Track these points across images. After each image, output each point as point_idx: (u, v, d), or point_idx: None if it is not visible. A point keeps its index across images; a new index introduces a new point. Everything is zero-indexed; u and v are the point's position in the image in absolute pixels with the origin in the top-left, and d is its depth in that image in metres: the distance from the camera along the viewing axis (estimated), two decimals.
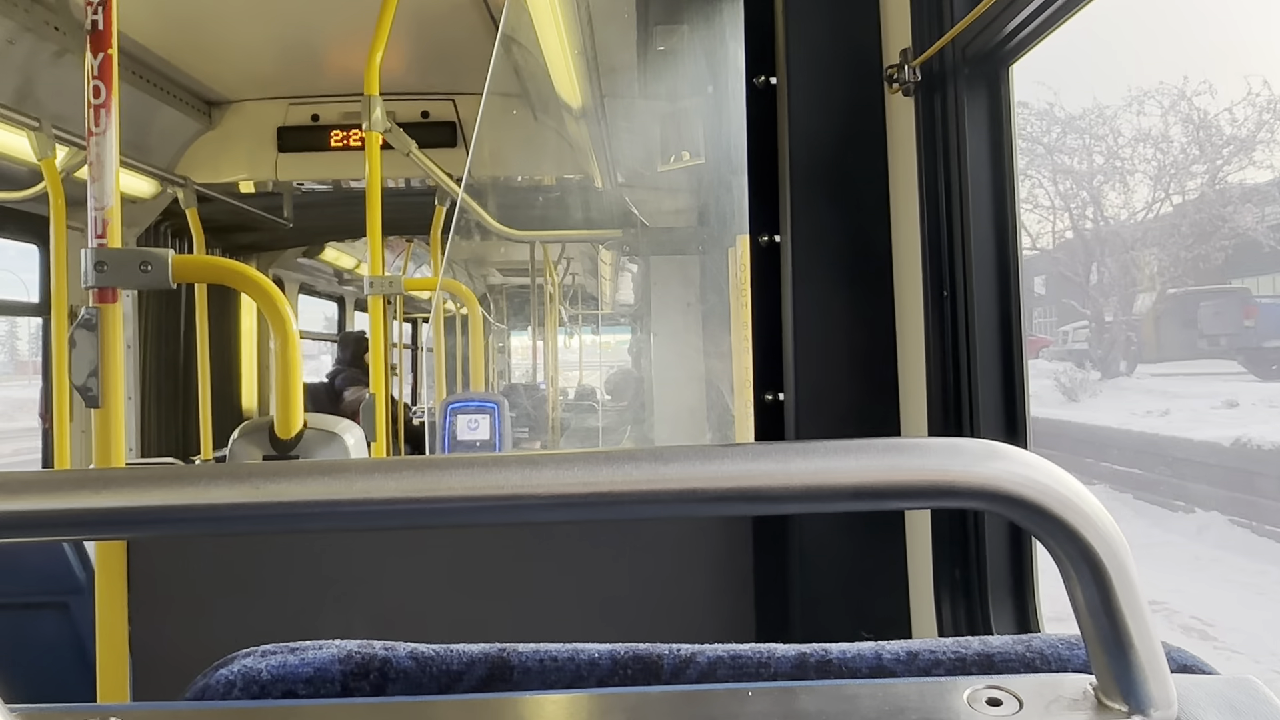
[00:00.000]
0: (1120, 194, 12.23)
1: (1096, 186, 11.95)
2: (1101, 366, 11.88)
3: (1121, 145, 11.65)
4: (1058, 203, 12.32)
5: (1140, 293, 11.75)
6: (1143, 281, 11.57)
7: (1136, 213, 11.77)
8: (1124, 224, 11.83)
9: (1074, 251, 12.55)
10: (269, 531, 0.52)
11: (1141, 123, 11.57)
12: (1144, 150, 11.52)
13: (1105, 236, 11.92)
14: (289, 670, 0.63)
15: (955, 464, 0.51)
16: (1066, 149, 12.11)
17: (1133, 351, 11.86)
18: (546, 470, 0.51)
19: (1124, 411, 10.23)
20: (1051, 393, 11.59)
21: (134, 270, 1.73)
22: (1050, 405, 11.23)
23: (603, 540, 1.75)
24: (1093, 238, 12.03)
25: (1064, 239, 12.73)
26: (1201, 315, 11.09)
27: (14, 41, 3.67)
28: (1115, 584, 0.52)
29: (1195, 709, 0.55)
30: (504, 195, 5.43)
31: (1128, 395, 10.96)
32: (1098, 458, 9.56)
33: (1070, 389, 11.53)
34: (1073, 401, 11.32)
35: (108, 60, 1.72)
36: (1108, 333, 12.03)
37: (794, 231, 1.67)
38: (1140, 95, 11.31)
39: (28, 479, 0.51)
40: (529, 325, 9.42)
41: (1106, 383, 11.60)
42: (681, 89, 3.59)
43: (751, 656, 0.65)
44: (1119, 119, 11.68)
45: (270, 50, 4.57)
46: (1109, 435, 9.81)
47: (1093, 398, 11.30)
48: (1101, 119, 11.79)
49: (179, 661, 1.44)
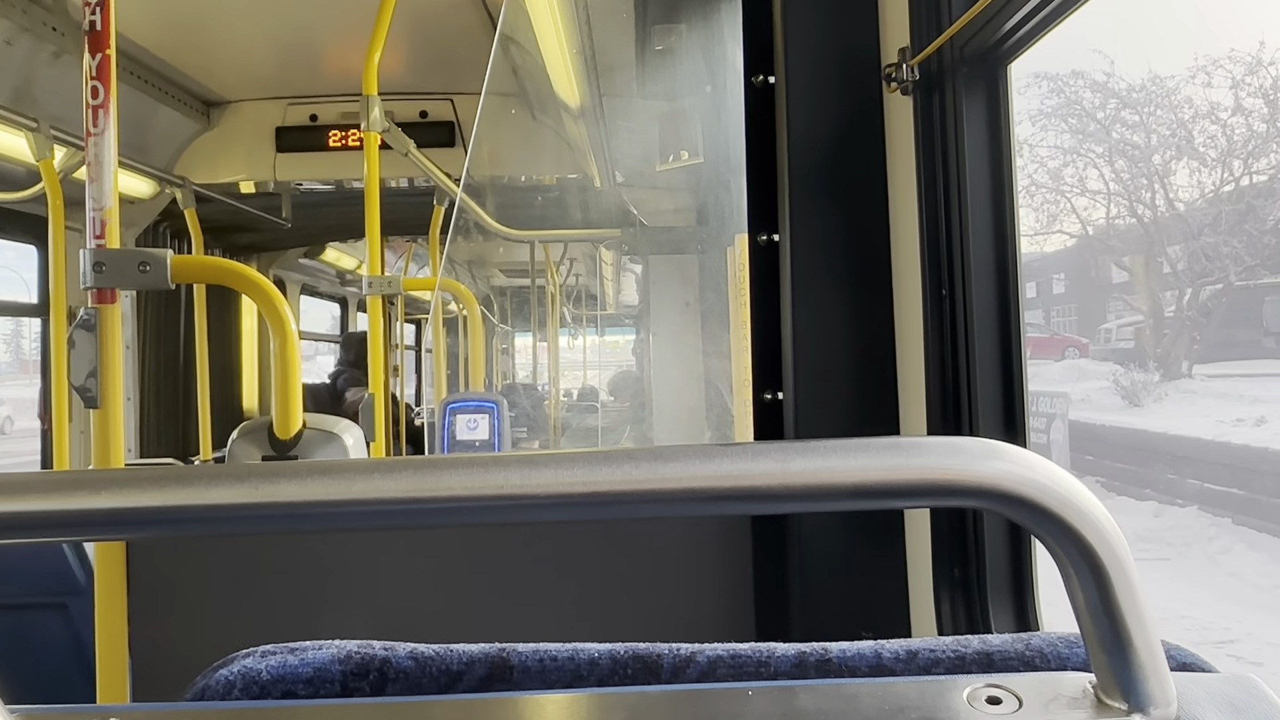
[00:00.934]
0: (1185, 175, 11.00)
1: (1158, 166, 10.77)
2: (1163, 367, 10.73)
3: (1188, 119, 10.40)
4: (1113, 186, 11.09)
5: (1207, 285, 10.56)
6: (1212, 273, 10.33)
7: (1205, 195, 10.55)
8: (1192, 208, 10.61)
9: (1131, 239, 11.38)
10: (269, 532, 0.52)
11: (1210, 95, 10.33)
12: (1209, 126, 10.27)
13: (1165, 223, 10.80)
14: (289, 670, 0.63)
15: (955, 463, 0.51)
16: (1124, 123, 10.84)
17: (1195, 351, 10.73)
18: (546, 470, 0.51)
19: (1204, 418, 9.07)
20: (1108, 395, 10.55)
21: (133, 271, 1.73)
22: (1111, 411, 10.20)
23: (602, 540, 1.75)
24: (1152, 224, 10.90)
25: (1116, 225, 11.51)
26: (1268, 312, 10.00)
27: (11, 42, 3.67)
28: (1114, 583, 0.52)
29: (1195, 707, 0.55)
30: (503, 195, 5.43)
31: (1199, 400, 9.86)
32: (1187, 474, 8.45)
33: (1131, 392, 10.42)
34: (1135, 406, 10.24)
35: (106, 61, 1.72)
36: (1168, 329, 10.91)
37: (793, 230, 1.67)
38: (1208, 64, 9.99)
39: (30, 480, 0.51)
40: (532, 326, 9.41)
41: (1169, 385, 10.45)
42: (680, 88, 3.59)
43: (751, 656, 0.65)
44: (1181, 91, 10.45)
45: (268, 50, 4.57)
46: (1198, 448, 8.56)
47: (1158, 402, 10.16)
48: (1163, 91, 10.57)
49: (178, 662, 1.44)
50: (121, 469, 0.54)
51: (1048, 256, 12.82)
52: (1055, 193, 11.45)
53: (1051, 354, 12.78)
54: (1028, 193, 11.11)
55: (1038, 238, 11.94)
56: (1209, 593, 6.73)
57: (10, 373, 17.37)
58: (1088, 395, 10.45)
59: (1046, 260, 12.98)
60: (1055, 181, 11.33)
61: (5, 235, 4.69)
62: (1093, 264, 12.78)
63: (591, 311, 9.30)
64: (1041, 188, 11.28)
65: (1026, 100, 10.55)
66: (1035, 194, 11.24)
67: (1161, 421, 9.36)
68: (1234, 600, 6.63)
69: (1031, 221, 11.31)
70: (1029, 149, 10.98)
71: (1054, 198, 11.45)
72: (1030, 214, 11.19)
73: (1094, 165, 11.00)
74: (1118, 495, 8.80)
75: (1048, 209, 11.41)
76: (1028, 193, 11.11)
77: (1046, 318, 13.85)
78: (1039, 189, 11.28)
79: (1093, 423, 9.83)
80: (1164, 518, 8.09)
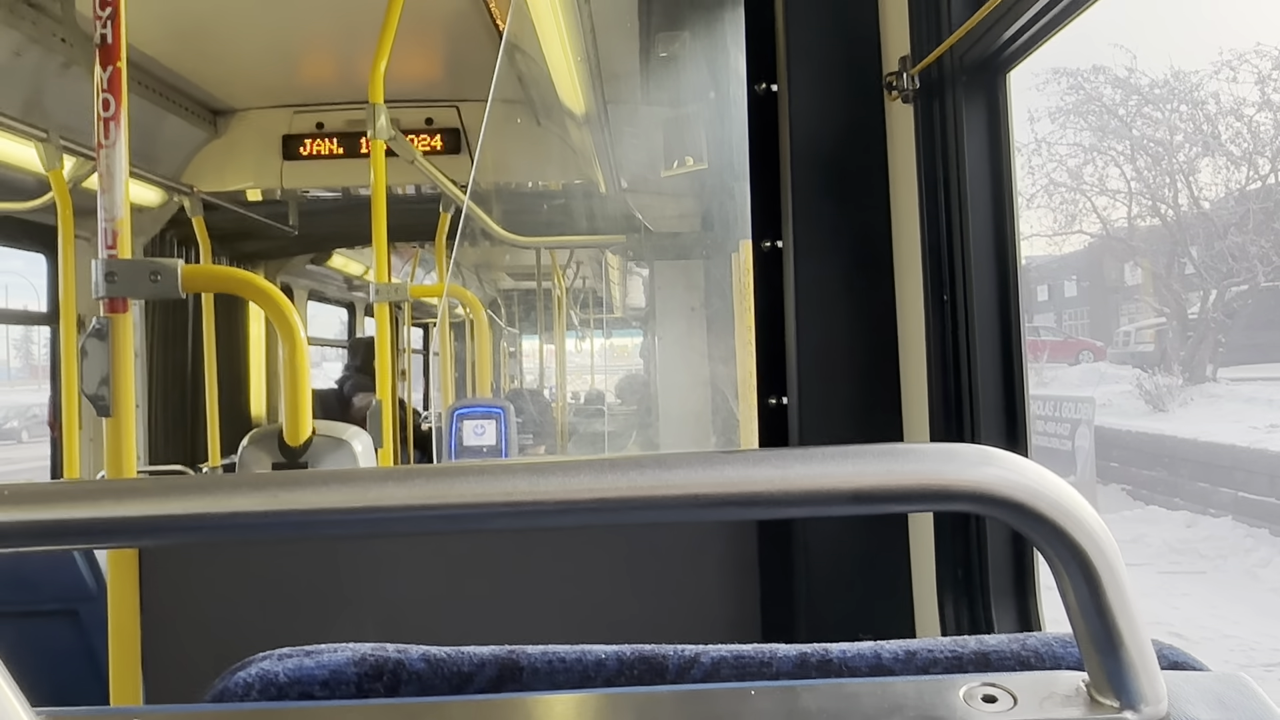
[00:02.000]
0: (1209, 173, 10.71)
1: (1182, 164, 10.32)
2: (1187, 370, 10.33)
3: (1213, 115, 10.00)
4: (1134, 185, 10.69)
5: (1233, 285, 10.15)
6: (1239, 273, 9.93)
7: (1231, 193, 10.11)
8: (1217, 206, 10.20)
9: (1152, 239, 10.97)
10: (288, 539, 0.54)
11: (1235, 90, 10.00)
12: (1234, 122, 9.85)
13: (1189, 222, 10.37)
14: (305, 673, 0.64)
15: (949, 469, 0.53)
16: (1146, 119, 10.46)
17: (1220, 354, 10.32)
18: (554, 477, 0.52)
19: (1234, 423, 8.66)
20: (1131, 400, 10.20)
21: (144, 280, 1.75)
22: (1134, 416, 9.81)
23: (610, 545, 1.77)
24: (1174, 224, 10.47)
25: (1137, 225, 11.13)
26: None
27: (21, 53, 3.70)
28: (1105, 583, 0.54)
29: (1185, 704, 0.57)
30: (509, 201, 5.44)
31: (1225, 404, 9.51)
32: (1220, 483, 8.02)
33: (1155, 397, 10.03)
34: (1160, 411, 9.87)
35: (117, 74, 1.74)
36: (1192, 331, 10.47)
37: (796, 237, 1.69)
38: (1234, 58, 9.65)
39: (54, 489, 0.53)
40: (538, 330, 9.40)
41: (1194, 389, 10.05)
42: (684, 95, 3.61)
43: (754, 656, 0.66)
44: (1205, 86, 10.08)
45: (275, 59, 4.60)
46: (1231, 455, 8.13)
47: (1183, 407, 9.78)
48: (1187, 86, 10.19)
49: (191, 668, 1.45)
50: (144, 479, 0.56)
51: (1061, 259, 12.30)
52: (1074, 191, 10.98)
53: (1065, 357, 12.56)
54: (1045, 192, 10.76)
55: (1055, 238, 11.53)
56: (1250, 609, 6.51)
57: (20, 378, 17.47)
58: (1109, 400, 10.12)
59: (1060, 262, 12.47)
60: (1074, 180, 10.95)
61: (15, 244, 4.72)
62: (1111, 265, 12.39)
63: (598, 315, 9.31)
64: (1060, 186, 10.94)
65: (1045, 97, 10.23)
66: (1054, 193, 10.90)
67: (1188, 427, 9.09)
68: (1278, 617, 6.41)
69: (1049, 222, 10.96)
70: (1047, 147, 10.67)
71: (1073, 197, 11.00)
72: (1048, 214, 10.83)
73: (1115, 163, 10.65)
74: (1146, 505, 8.53)
75: (1066, 209, 11.07)
76: (1045, 192, 10.76)
77: (1059, 321, 13.60)
78: (1057, 188, 10.94)
79: (1117, 428, 9.56)
80: (1197, 528, 7.84)
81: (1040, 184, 10.72)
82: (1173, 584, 6.82)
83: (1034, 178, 10.64)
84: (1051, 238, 11.38)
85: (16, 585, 2.52)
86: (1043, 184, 10.75)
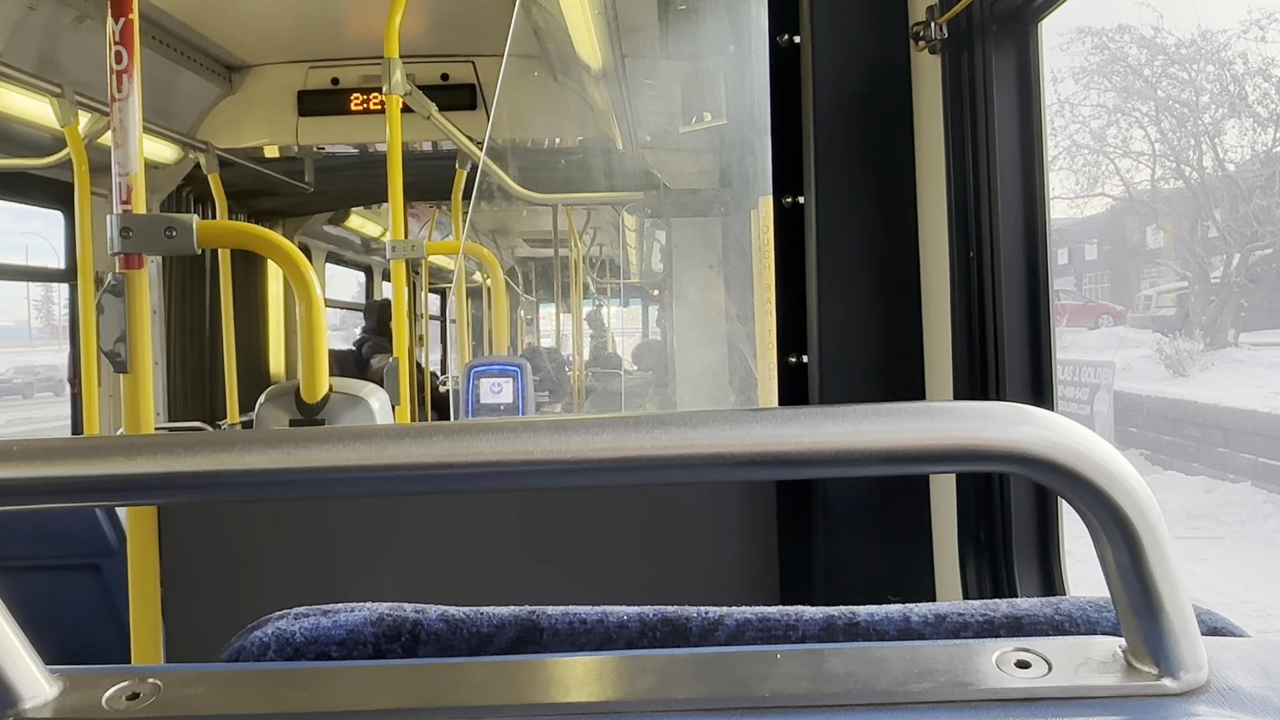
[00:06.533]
0: (1235, 135, 10.30)
1: (1207, 125, 10.10)
2: (1208, 335, 10.13)
3: (1240, 75, 9.74)
4: (1159, 148, 10.43)
5: (1257, 249, 9.96)
6: (1263, 236, 9.75)
7: (1258, 156, 9.87)
8: (1242, 168, 9.97)
9: (1176, 202, 10.75)
10: (303, 496, 0.53)
11: (1264, 50, 9.62)
12: (1261, 83, 9.59)
13: (1213, 185, 10.14)
14: (322, 632, 0.64)
15: (985, 428, 0.51)
16: (1172, 79, 10.20)
17: (1242, 319, 10.10)
18: (576, 435, 0.51)
19: (1256, 389, 8.48)
20: (1151, 365, 9.98)
21: (159, 236, 1.74)
22: (1154, 380, 9.65)
23: (630, 505, 1.76)
24: (1199, 186, 10.25)
25: (1160, 188, 10.85)
26: None
27: (34, 7, 3.67)
28: (1146, 547, 0.52)
29: (1226, 671, 0.55)
30: (525, 158, 5.41)
31: (1247, 369, 9.29)
32: (1240, 448, 7.88)
33: (1176, 361, 9.82)
34: (1180, 376, 9.67)
35: (129, 25, 1.72)
36: (1214, 296, 10.27)
37: (818, 193, 1.66)
38: (1263, 17, 9.30)
39: (68, 445, 0.52)
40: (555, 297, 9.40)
41: (1215, 354, 9.85)
42: (703, 48, 3.55)
43: (779, 619, 0.65)
44: (1233, 46, 9.80)
45: (289, 13, 4.56)
46: (1251, 421, 7.99)
47: (1203, 372, 9.57)
48: (1214, 46, 9.92)
49: (210, 624, 1.46)
50: (158, 434, 0.55)
51: (1082, 221, 12.15)
52: (1097, 153, 10.87)
53: (1085, 321, 12.46)
54: (1068, 154, 10.62)
55: (1077, 201, 11.41)
56: (1268, 574, 6.48)
57: (41, 338, 17.60)
58: (1129, 364, 10.01)
59: (1081, 225, 12.32)
60: (1098, 142, 10.82)
61: (32, 201, 4.72)
62: (1132, 228, 12.23)
63: (615, 281, 9.28)
64: (1083, 148, 10.79)
65: (1070, 57, 10.05)
66: (1076, 155, 10.76)
67: (1209, 392, 8.94)
68: None
69: (1071, 184, 10.83)
70: (1070, 108, 10.52)
71: (1095, 159, 10.89)
72: (1070, 176, 10.70)
73: (1139, 124, 10.46)
74: (1165, 470, 8.49)
75: (1088, 171, 10.93)
76: (1068, 154, 10.62)
77: (1079, 284, 13.48)
78: (1080, 149, 10.80)
79: (1136, 393, 9.48)
80: (1215, 493, 7.79)
81: (1063, 145, 10.57)
82: (1190, 549, 6.82)
83: (1056, 139, 10.50)
84: (1073, 200, 11.24)
85: (40, 539, 2.54)
86: (1065, 145, 10.59)
